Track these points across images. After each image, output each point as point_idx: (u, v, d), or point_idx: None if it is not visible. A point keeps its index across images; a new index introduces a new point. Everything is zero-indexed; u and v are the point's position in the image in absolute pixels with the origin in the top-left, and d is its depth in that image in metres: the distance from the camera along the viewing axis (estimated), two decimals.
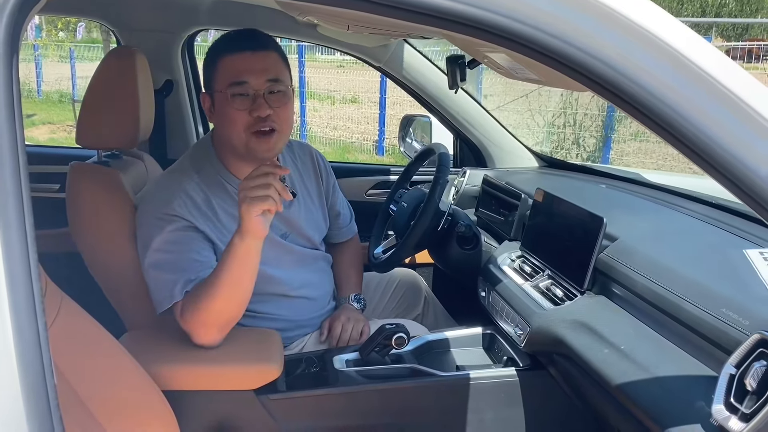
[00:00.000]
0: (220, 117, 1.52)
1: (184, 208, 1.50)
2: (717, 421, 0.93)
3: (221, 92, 1.49)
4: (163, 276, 1.46)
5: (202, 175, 1.57)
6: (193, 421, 1.42)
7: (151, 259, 1.48)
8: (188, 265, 1.47)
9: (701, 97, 0.72)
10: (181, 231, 1.48)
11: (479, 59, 1.47)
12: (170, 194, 1.51)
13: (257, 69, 1.48)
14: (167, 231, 1.47)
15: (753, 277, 1.14)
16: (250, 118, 1.47)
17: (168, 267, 1.46)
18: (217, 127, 1.58)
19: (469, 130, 2.47)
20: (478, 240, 1.94)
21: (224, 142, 1.56)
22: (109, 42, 7.99)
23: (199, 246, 1.50)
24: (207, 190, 1.55)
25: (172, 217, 1.48)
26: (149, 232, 1.49)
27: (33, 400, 0.63)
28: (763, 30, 14.84)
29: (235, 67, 1.48)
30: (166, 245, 1.47)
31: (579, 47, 0.71)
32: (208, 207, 1.54)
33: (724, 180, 0.73)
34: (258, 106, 1.47)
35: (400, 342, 1.54)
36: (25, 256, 0.65)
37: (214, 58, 1.52)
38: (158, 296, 1.48)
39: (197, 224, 1.51)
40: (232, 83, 1.47)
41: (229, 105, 1.48)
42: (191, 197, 1.52)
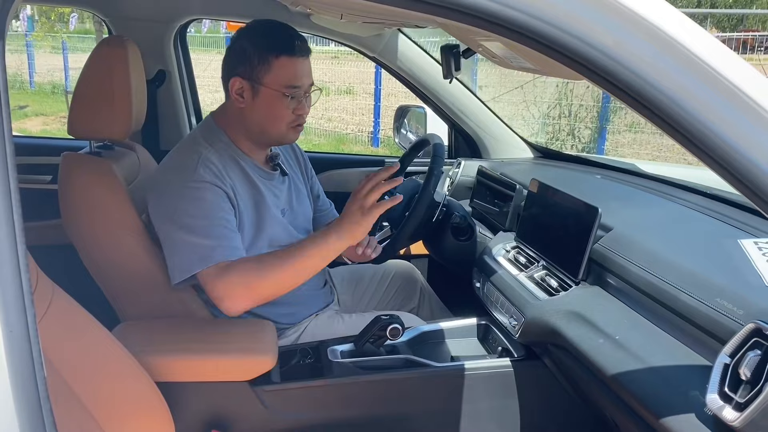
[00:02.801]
0: (265, 110, 1.60)
1: (210, 174, 1.54)
2: (711, 410, 0.93)
3: (274, 90, 1.57)
4: (196, 240, 1.49)
5: (216, 148, 1.61)
6: (187, 412, 1.42)
7: (181, 224, 1.50)
8: (222, 232, 1.51)
9: (698, 86, 0.71)
10: (211, 197, 1.53)
11: (474, 48, 1.46)
12: (193, 163, 1.55)
13: (307, 74, 1.62)
14: (198, 197, 1.51)
15: (747, 266, 1.14)
16: (293, 116, 1.61)
17: (202, 232, 1.49)
18: (254, 116, 1.61)
19: (464, 120, 2.46)
20: (472, 231, 1.94)
21: (253, 127, 1.63)
22: (102, 33, 7.94)
23: (228, 212, 1.55)
24: (223, 162, 1.60)
25: (201, 183, 1.53)
26: (176, 201, 1.52)
27: (22, 392, 0.62)
28: (758, 21, 14.84)
29: (293, 71, 1.59)
30: (198, 211, 1.51)
31: (574, 35, 0.71)
32: (230, 178, 1.59)
33: (721, 170, 0.72)
34: (302, 106, 1.62)
35: (395, 333, 1.54)
36: (13, 247, 0.65)
37: (267, 54, 1.57)
38: (186, 261, 1.49)
39: (226, 189, 1.56)
40: (290, 86, 1.58)
41: (280, 102, 1.58)
42: (215, 165, 1.57)
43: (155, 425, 1.17)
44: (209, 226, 1.50)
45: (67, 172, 1.60)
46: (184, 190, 1.52)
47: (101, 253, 1.59)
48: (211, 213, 1.52)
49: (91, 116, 1.61)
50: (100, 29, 9.13)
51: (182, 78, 2.56)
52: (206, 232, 1.50)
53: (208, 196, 1.52)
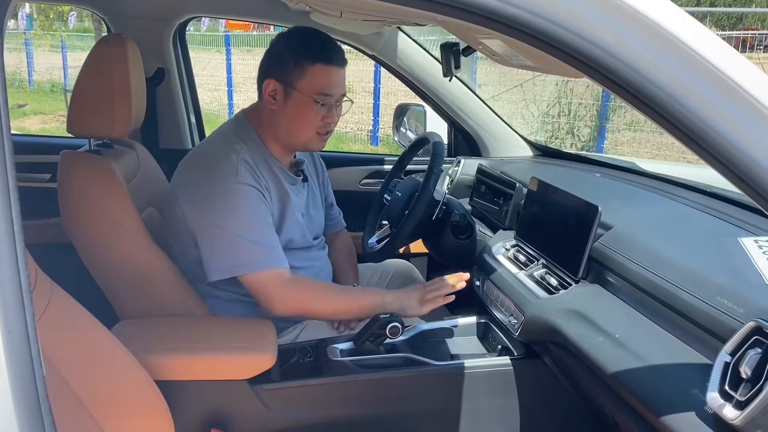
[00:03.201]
0: (295, 114, 1.63)
1: (249, 175, 1.58)
2: (712, 408, 0.93)
3: (306, 95, 1.60)
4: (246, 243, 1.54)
5: (249, 146, 1.64)
6: (186, 411, 1.41)
7: (227, 224, 1.54)
8: (270, 238, 1.58)
9: (699, 83, 0.71)
10: (255, 199, 1.58)
11: (474, 46, 1.46)
12: (233, 163, 1.58)
13: (341, 84, 1.65)
14: (243, 199, 1.56)
15: (748, 265, 1.14)
16: (321, 123, 1.64)
17: (250, 235, 1.55)
18: (283, 119, 1.64)
19: (463, 119, 2.46)
20: (472, 229, 1.94)
21: (281, 131, 1.66)
22: (101, 31, 7.92)
23: (268, 215, 1.61)
24: (255, 161, 1.63)
25: (244, 185, 1.57)
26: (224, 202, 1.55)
27: (21, 391, 0.62)
28: (757, 19, 14.84)
29: (327, 79, 1.61)
30: (244, 214, 1.55)
31: (575, 32, 0.70)
32: (263, 178, 1.63)
33: (721, 168, 0.72)
34: (331, 115, 1.65)
35: (395, 331, 1.53)
36: (12, 246, 0.64)
37: (303, 60, 1.60)
38: (232, 261, 1.54)
39: (262, 189, 1.60)
40: (322, 93, 1.60)
41: (311, 108, 1.61)
42: (251, 166, 1.60)
43: (154, 424, 1.17)
44: (257, 230, 1.56)
45: (66, 171, 1.60)
46: (228, 191, 1.56)
47: (100, 252, 1.59)
48: (256, 217, 1.57)
49: (91, 114, 1.61)
50: (99, 27, 9.11)
51: (181, 76, 2.56)
52: (253, 236, 1.55)
53: (252, 199, 1.57)
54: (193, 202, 1.58)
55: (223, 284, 1.62)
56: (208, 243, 1.56)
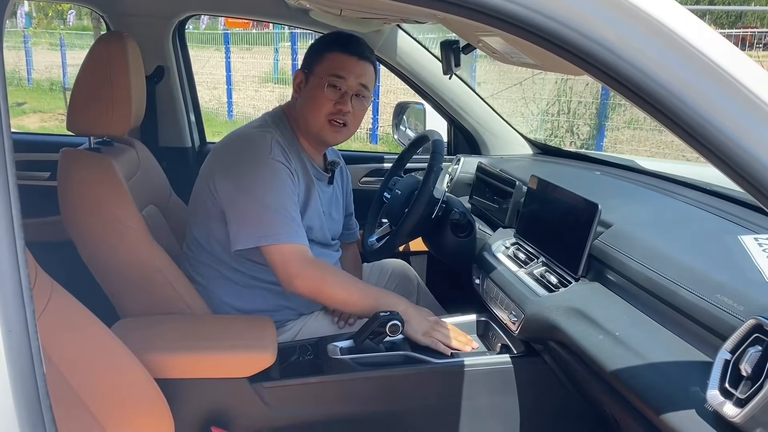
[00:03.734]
0: (308, 96, 1.70)
1: (281, 155, 1.64)
2: (712, 406, 0.93)
3: (320, 78, 1.67)
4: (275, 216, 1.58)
5: (282, 134, 1.71)
6: (186, 409, 1.41)
7: (259, 197, 1.59)
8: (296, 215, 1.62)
9: (700, 80, 0.71)
10: (285, 177, 1.63)
11: (474, 44, 1.46)
12: (267, 142, 1.64)
13: (356, 72, 1.68)
14: (275, 175, 1.61)
15: (748, 262, 1.14)
16: (333, 108, 1.67)
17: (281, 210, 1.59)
18: (301, 103, 1.72)
19: (463, 117, 2.46)
20: (472, 227, 1.94)
21: (301, 118, 1.73)
22: (100, 29, 7.91)
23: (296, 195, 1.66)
24: (287, 146, 1.69)
25: (277, 162, 1.62)
26: (254, 174, 1.61)
27: (22, 388, 0.62)
28: (756, 17, 14.83)
29: (339, 63, 1.68)
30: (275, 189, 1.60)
31: (576, 29, 0.70)
32: (291, 158, 1.69)
33: (722, 165, 0.72)
34: (344, 101, 1.68)
35: (395, 329, 1.53)
36: (12, 244, 0.64)
37: (323, 49, 1.71)
38: (258, 232, 1.58)
39: (291, 170, 1.65)
40: (332, 74, 1.66)
41: (321, 90, 1.67)
42: (284, 150, 1.66)
43: (154, 422, 1.17)
44: (285, 204, 1.60)
45: (66, 169, 1.60)
46: (261, 165, 1.61)
47: (100, 250, 1.59)
48: (285, 192, 1.62)
49: (90, 112, 1.61)
50: (98, 26, 9.11)
51: (181, 74, 2.56)
52: (283, 209, 1.60)
53: (282, 176, 1.62)
54: (226, 175, 1.63)
55: (239, 264, 1.68)
56: (238, 213, 1.60)
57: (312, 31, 2.58)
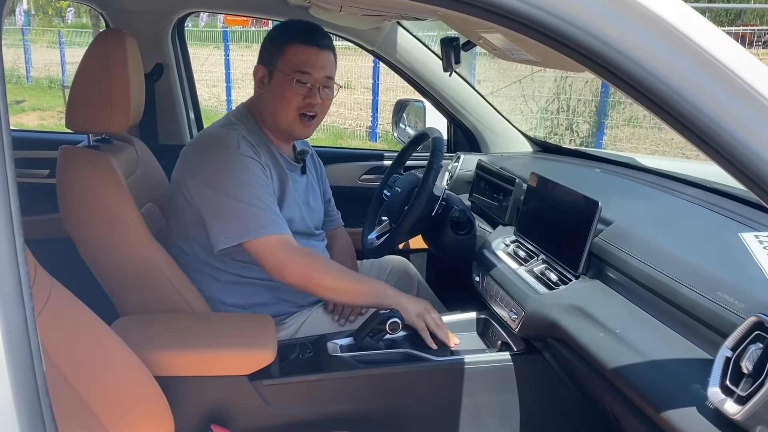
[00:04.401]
0: (275, 93, 1.69)
1: (250, 150, 1.64)
2: (713, 403, 0.93)
3: (285, 74, 1.66)
4: (253, 210, 1.58)
5: (248, 129, 1.71)
6: (186, 406, 1.41)
7: (233, 193, 1.58)
8: (273, 206, 1.62)
9: (701, 76, 0.71)
10: (257, 171, 1.63)
11: (474, 41, 1.45)
12: (234, 140, 1.64)
13: (320, 65, 1.68)
14: (246, 169, 1.61)
15: (748, 260, 1.14)
16: (302, 102, 1.68)
17: (257, 202, 1.59)
18: (268, 100, 1.71)
19: (463, 114, 2.46)
20: (472, 225, 1.93)
21: (269, 113, 1.72)
22: (99, 27, 7.90)
23: (270, 187, 1.66)
24: (255, 141, 1.69)
25: (246, 157, 1.62)
26: (225, 172, 1.60)
27: (21, 386, 0.62)
28: (755, 15, 14.82)
29: (304, 57, 1.66)
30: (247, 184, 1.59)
31: (577, 25, 0.70)
32: (260, 152, 1.68)
33: (723, 161, 0.72)
34: (312, 95, 1.68)
35: (394, 327, 1.53)
36: (11, 241, 0.64)
37: (283, 42, 1.68)
38: (238, 230, 1.57)
39: (262, 164, 1.65)
40: (298, 70, 1.65)
41: (289, 87, 1.66)
42: (252, 144, 1.66)
43: (154, 420, 1.17)
44: (262, 197, 1.60)
45: (65, 166, 1.59)
46: (231, 162, 1.60)
47: (99, 247, 1.59)
48: (259, 186, 1.61)
49: (89, 110, 1.61)
50: (97, 23, 9.09)
51: (180, 72, 2.55)
52: (260, 203, 1.59)
53: (254, 170, 1.62)
54: (198, 177, 1.63)
55: (223, 264, 1.67)
56: (215, 213, 1.60)
57: None
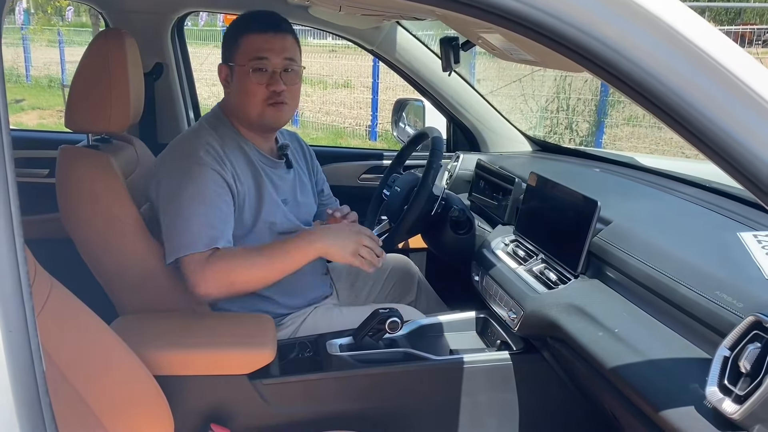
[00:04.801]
0: (239, 88, 1.64)
1: (209, 156, 1.58)
2: (711, 402, 0.93)
3: (242, 66, 1.61)
4: (190, 225, 1.52)
5: (219, 133, 1.66)
6: (186, 406, 1.41)
7: (180, 207, 1.53)
8: (216, 221, 1.54)
9: (699, 77, 0.71)
10: (210, 181, 1.56)
11: (473, 40, 1.45)
12: (193, 146, 1.60)
13: (276, 48, 1.61)
14: (197, 181, 1.55)
15: (747, 259, 1.14)
16: (266, 92, 1.61)
17: (196, 217, 1.52)
18: (234, 97, 1.67)
19: (462, 114, 2.46)
20: (471, 224, 1.94)
21: (238, 111, 1.68)
22: (98, 26, 7.89)
23: (225, 199, 1.58)
24: (224, 146, 1.63)
25: (201, 166, 1.56)
26: (177, 184, 1.55)
27: (21, 385, 0.62)
28: (755, 14, 14.81)
29: (257, 44, 1.61)
30: (196, 195, 1.54)
31: (575, 26, 0.70)
32: (229, 160, 1.62)
33: (721, 161, 0.72)
34: (274, 81, 1.61)
35: (394, 326, 1.53)
36: (11, 241, 0.64)
37: (237, 35, 1.64)
38: (176, 244, 1.52)
39: (223, 174, 1.58)
40: (254, 58, 1.60)
41: (249, 78, 1.61)
42: (214, 148, 1.60)
43: (154, 419, 1.17)
44: (204, 212, 1.53)
45: (64, 166, 1.60)
46: (185, 172, 1.56)
47: (99, 247, 1.59)
48: (207, 197, 1.54)
49: (89, 109, 1.61)
50: (96, 22, 9.09)
51: (180, 71, 2.55)
52: (201, 218, 1.53)
53: (206, 180, 1.55)
54: (158, 191, 1.59)
55: None
56: (167, 228, 1.55)
57: (312, 28, 2.58)
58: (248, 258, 1.54)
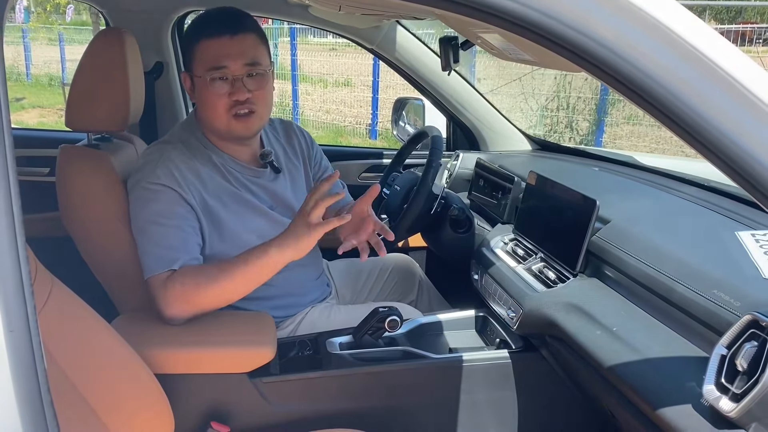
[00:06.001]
0: (200, 100, 1.57)
1: (169, 177, 1.50)
2: (708, 401, 0.93)
3: (200, 77, 1.52)
4: (150, 247, 1.48)
5: (188, 145, 1.59)
6: (186, 404, 1.42)
7: (140, 227, 1.50)
8: (173, 241, 1.48)
9: (696, 77, 0.71)
10: (165, 200, 1.49)
11: (473, 40, 1.46)
12: (155, 164, 1.52)
13: (234, 53, 1.49)
14: (154, 201, 1.49)
15: (745, 258, 1.15)
16: (229, 101, 1.51)
17: (155, 239, 1.47)
18: (199, 109, 1.61)
19: (462, 113, 2.46)
20: (471, 223, 1.94)
21: (205, 122, 1.61)
22: (99, 24, 7.89)
23: (183, 216, 1.50)
24: (194, 159, 1.56)
25: (159, 186, 1.49)
26: (137, 203, 1.52)
27: (23, 384, 0.62)
28: (756, 13, 14.79)
29: (213, 52, 1.50)
30: (153, 216, 1.49)
31: (572, 26, 0.70)
32: (195, 175, 1.54)
33: (719, 162, 0.72)
34: (237, 90, 1.50)
35: (393, 325, 1.54)
36: (12, 239, 0.65)
37: (192, 41, 1.54)
38: (143, 264, 1.49)
39: (182, 193, 1.51)
40: (211, 68, 1.50)
41: (209, 89, 1.51)
42: (176, 165, 1.52)
43: (154, 417, 1.18)
44: (160, 232, 1.47)
45: (64, 165, 1.60)
46: (141, 191, 1.50)
47: (99, 246, 1.59)
48: (163, 217, 1.48)
49: (89, 108, 1.61)
50: (96, 21, 9.08)
51: (180, 70, 2.55)
52: (158, 239, 1.47)
53: (162, 199, 1.48)
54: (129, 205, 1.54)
55: None
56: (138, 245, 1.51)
57: (312, 27, 2.58)
58: (217, 271, 1.44)
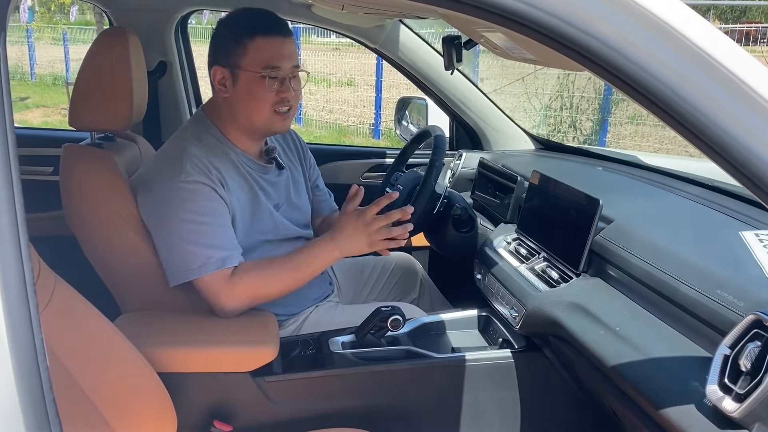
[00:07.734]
0: (245, 94, 1.58)
1: (200, 173, 1.52)
2: (711, 401, 0.93)
3: (252, 72, 1.55)
4: (191, 247, 1.49)
5: (204, 142, 1.59)
6: (189, 403, 1.42)
7: (175, 227, 1.50)
8: (216, 238, 1.52)
9: (699, 76, 0.71)
10: (202, 197, 1.52)
11: (476, 39, 1.46)
12: (181, 162, 1.53)
13: (287, 55, 1.58)
14: (189, 199, 1.50)
15: (748, 258, 1.14)
16: (276, 98, 1.57)
17: (196, 237, 1.50)
18: (235, 102, 1.59)
19: (465, 112, 2.46)
20: (473, 223, 1.94)
21: (239, 116, 1.61)
22: (102, 24, 7.90)
23: (221, 210, 1.54)
24: (211, 156, 1.57)
25: (191, 183, 1.51)
26: (167, 202, 1.52)
27: (25, 382, 0.63)
28: (760, 12, 14.75)
29: (270, 51, 1.56)
30: (190, 214, 1.50)
31: (575, 25, 0.70)
32: (218, 171, 1.56)
33: (722, 161, 0.72)
34: (285, 88, 1.58)
35: (396, 324, 1.54)
36: (15, 238, 0.65)
37: (242, 37, 1.55)
38: (182, 266, 1.50)
39: (216, 188, 1.54)
40: (267, 66, 1.55)
41: (260, 85, 1.55)
42: (201, 160, 1.54)
43: (157, 416, 1.18)
44: (203, 230, 1.50)
45: (68, 164, 1.60)
46: (175, 190, 1.51)
47: (102, 245, 1.59)
48: (204, 215, 1.51)
49: (92, 107, 1.61)
50: (100, 20, 9.09)
51: (183, 69, 2.56)
52: (200, 238, 1.50)
53: (199, 197, 1.51)
54: (146, 206, 1.56)
55: None
56: (162, 247, 1.53)
57: (315, 27, 2.58)
58: (272, 271, 1.56)
